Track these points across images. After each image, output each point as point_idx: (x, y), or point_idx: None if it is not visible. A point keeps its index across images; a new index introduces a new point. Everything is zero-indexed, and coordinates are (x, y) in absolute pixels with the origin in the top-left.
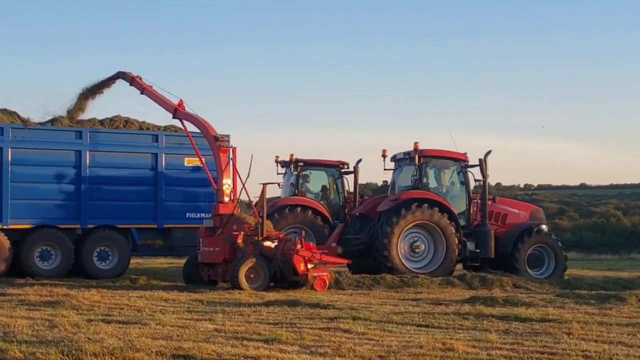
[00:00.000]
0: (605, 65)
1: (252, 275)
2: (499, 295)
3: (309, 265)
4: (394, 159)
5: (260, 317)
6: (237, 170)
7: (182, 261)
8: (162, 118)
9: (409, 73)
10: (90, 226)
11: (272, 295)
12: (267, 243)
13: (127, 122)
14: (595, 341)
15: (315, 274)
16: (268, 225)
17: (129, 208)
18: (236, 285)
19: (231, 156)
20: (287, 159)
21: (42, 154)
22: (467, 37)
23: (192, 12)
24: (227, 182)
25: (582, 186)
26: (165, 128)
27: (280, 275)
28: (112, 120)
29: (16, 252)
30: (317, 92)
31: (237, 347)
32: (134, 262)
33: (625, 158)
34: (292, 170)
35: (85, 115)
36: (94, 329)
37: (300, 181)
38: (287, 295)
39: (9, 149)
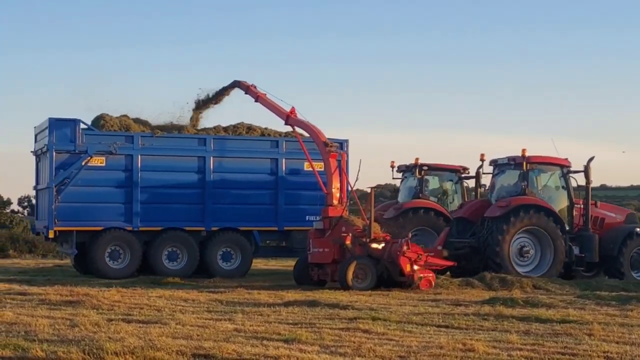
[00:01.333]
0: (627, 63)
1: (360, 276)
2: (519, 297)
3: (415, 267)
4: (494, 163)
5: (279, 317)
6: (346, 175)
7: None
8: (283, 124)
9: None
10: (214, 228)
11: (291, 296)
12: (375, 244)
13: (249, 128)
14: (617, 342)
15: (421, 275)
16: (375, 227)
17: (251, 211)
18: (345, 285)
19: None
20: (400, 163)
21: (169, 160)
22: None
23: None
24: (336, 185)
25: (603, 187)
26: (287, 134)
27: (387, 275)
28: (235, 127)
29: (145, 252)
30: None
31: (257, 346)
32: None
33: None
34: (416, 174)
35: (209, 123)
36: (115, 329)
37: (423, 185)
38: (307, 296)
39: (139, 156)
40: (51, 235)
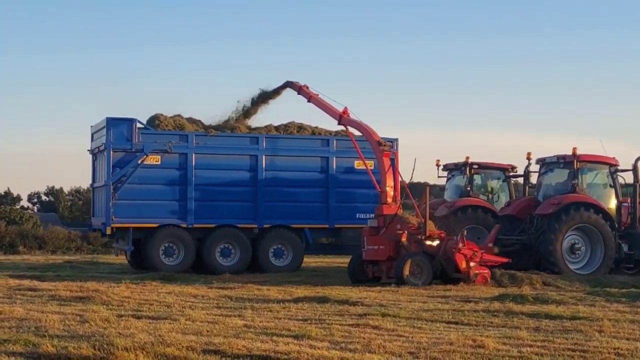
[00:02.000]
0: (634, 63)
1: (415, 272)
2: (529, 293)
3: (471, 263)
4: (541, 161)
5: (289, 314)
6: (399, 173)
7: None
8: (334, 123)
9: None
10: (266, 226)
11: (300, 292)
12: (430, 241)
13: (300, 127)
14: (627, 339)
15: (477, 271)
16: (430, 224)
17: (302, 209)
18: (401, 281)
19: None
20: (449, 162)
21: (222, 158)
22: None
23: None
24: (390, 184)
25: None
26: (337, 133)
27: (442, 272)
28: (286, 126)
29: (199, 249)
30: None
31: (267, 342)
32: None
33: None
34: (467, 172)
35: (260, 122)
36: (125, 324)
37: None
38: (316, 292)
39: (193, 154)
40: (109, 231)
